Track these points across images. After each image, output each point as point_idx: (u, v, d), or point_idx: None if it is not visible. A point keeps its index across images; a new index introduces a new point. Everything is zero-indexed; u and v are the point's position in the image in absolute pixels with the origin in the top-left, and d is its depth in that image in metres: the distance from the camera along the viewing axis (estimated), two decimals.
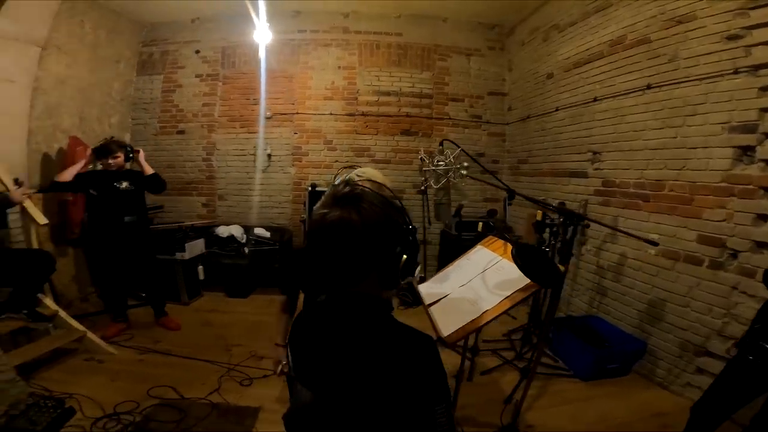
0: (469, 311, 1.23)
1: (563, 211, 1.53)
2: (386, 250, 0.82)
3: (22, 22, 3.26)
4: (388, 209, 0.83)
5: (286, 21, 4.44)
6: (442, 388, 0.82)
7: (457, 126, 4.73)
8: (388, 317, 0.86)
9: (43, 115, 3.73)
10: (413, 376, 0.80)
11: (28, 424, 1.87)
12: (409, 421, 0.82)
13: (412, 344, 0.83)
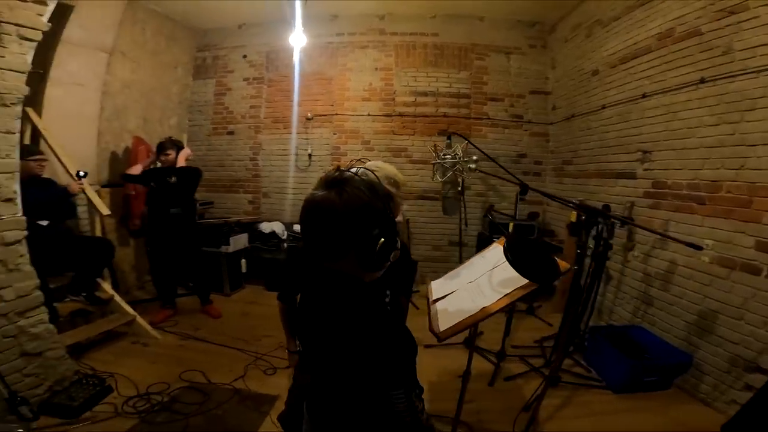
0: (468, 308, 1.20)
1: (585, 208, 1.43)
2: (363, 231, 0.86)
3: (89, 30, 3.62)
4: (370, 194, 0.87)
5: (325, 25, 4.58)
6: (400, 374, 0.84)
7: (496, 126, 4.61)
8: (363, 298, 0.90)
9: (111, 116, 4.13)
10: (370, 358, 0.83)
11: (67, 399, 2.08)
12: (372, 403, 0.84)
13: (375, 327, 0.86)
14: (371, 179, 0.91)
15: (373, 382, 0.84)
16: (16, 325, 2.07)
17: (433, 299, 1.35)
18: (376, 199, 0.87)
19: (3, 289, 2.05)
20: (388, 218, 0.88)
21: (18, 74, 2.06)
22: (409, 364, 0.87)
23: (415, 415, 0.86)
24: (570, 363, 2.73)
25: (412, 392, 0.86)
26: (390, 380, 0.84)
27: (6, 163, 2.11)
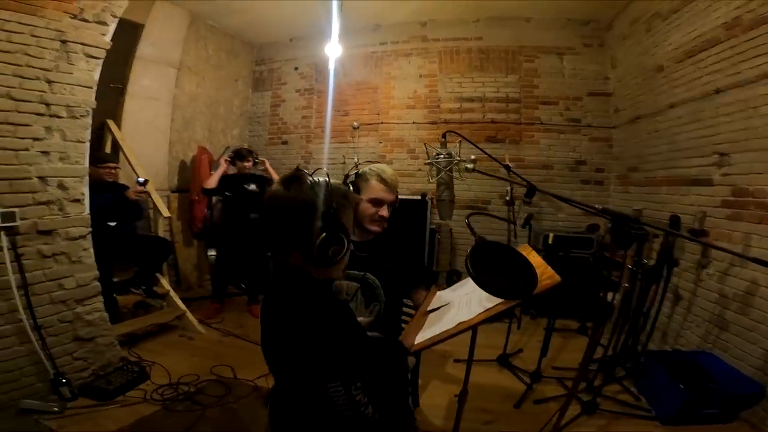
0: (448, 322, 1.08)
1: (611, 214, 1.23)
2: (302, 226, 0.91)
3: (159, 47, 4.05)
4: (314, 193, 0.92)
5: (368, 35, 4.67)
6: (336, 368, 0.86)
7: (550, 131, 4.31)
8: (304, 291, 0.94)
9: (180, 127, 4.55)
10: (304, 350, 0.87)
11: (105, 383, 2.27)
12: (311, 396, 0.89)
13: (312, 320, 0.88)
14: (328, 180, 0.95)
15: (308, 375, 0.88)
16: (73, 312, 2.32)
17: (428, 309, 1.25)
18: (321, 198, 0.91)
19: (65, 279, 2.32)
20: (331, 216, 0.91)
21: (86, 89, 2.34)
22: (347, 356, 0.88)
23: (358, 409, 0.87)
24: (616, 389, 2.44)
25: (351, 385, 0.87)
26: (324, 373, 0.85)
27: (76, 169, 2.40)
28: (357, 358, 0.92)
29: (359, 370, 0.90)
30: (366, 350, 1.01)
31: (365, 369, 0.94)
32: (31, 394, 2.10)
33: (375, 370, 1.02)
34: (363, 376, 0.90)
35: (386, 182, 1.57)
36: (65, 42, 2.19)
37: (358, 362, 0.92)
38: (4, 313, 2.05)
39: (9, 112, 2.05)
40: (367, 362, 0.97)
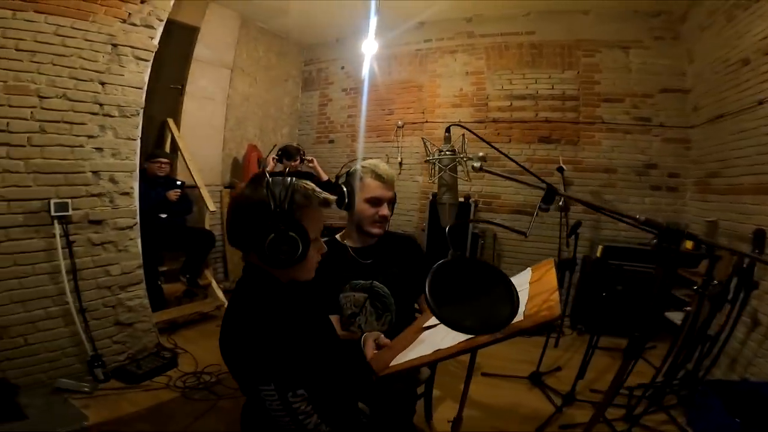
0: (429, 346, 0.94)
1: (655, 227, 0.97)
2: (255, 225, 0.90)
3: (214, 49, 4.25)
4: (271, 193, 0.89)
5: (412, 33, 4.54)
6: (270, 371, 0.84)
7: (614, 131, 3.89)
8: (260, 291, 0.94)
9: (234, 126, 4.77)
10: (246, 350, 0.86)
11: (135, 368, 2.39)
12: (251, 396, 0.88)
13: (255, 320, 0.88)
14: (292, 181, 0.93)
15: (244, 375, 0.88)
16: (116, 297, 2.49)
17: (425, 325, 1.12)
18: (276, 197, 0.89)
19: (111, 266, 2.49)
20: (283, 215, 0.89)
21: (136, 90, 2.50)
22: (285, 361, 0.86)
23: (296, 417, 0.85)
24: (662, 419, 2.14)
25: (288, 392, 0.84)
26: (255, 374, 0.85)
27: (126, 164, 2.56)
28: (300, 366, 0.88)
29: (301, 378, 0.87)
30: (321, 362, 0.98)
31: (314, 379, 0.91)
32: (69, 374, 2.27)
33: (331, 384, 0.99)
34: (306, 385, 0.87)
35: (382, 178, 1.45)
36: (116, 45, 2.35)
37: (301, 370, 0.88)
38: (53, 295, 2.24)
39: (65, 112, 2.24)
40: (318, 373, 0.94)
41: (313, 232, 0.95)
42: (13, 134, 2.09)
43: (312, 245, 0.95)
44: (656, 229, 0.84)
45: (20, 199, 2.15)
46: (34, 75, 2.11)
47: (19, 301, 2.14)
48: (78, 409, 2.06)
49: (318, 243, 1.00)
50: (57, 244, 2.24)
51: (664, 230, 0.83)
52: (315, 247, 0.99)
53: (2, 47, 2.01)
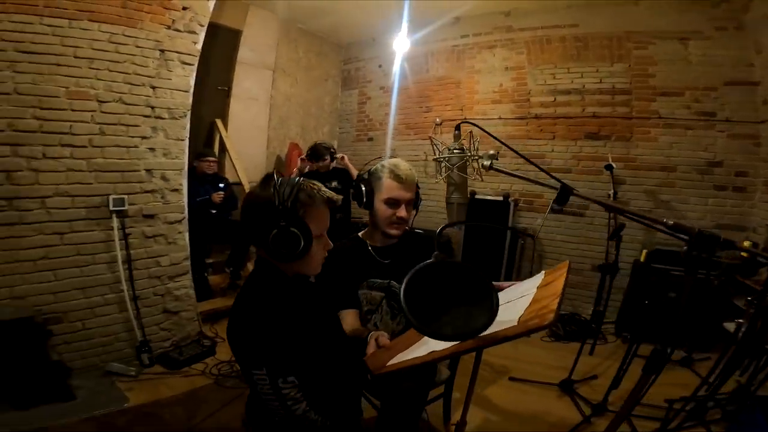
0: (427, 348, 0.92)
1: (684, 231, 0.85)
2: (261, 222, 0.97)
3: (256, 51, 4.42)
4: (278, 192, 0.96)
5: (448, 28, 4.44)
6: (267, 357, 0.91)
7: (672, 126, 3.59)
8: (274, 286, 1.01)
9: (277, 125, 4.95)
10: (245, 336, 0.94)
11: (177, 354, 2.55)
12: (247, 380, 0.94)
13: (256, 308, 0.96)
14: (298, 181, 1.01)
15: (241, 358, 0.96)
16: (165, 287, 2.68)
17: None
18: (281, 197, 0.96)
19: (161, 257, 2.68)
20: (286, 213, 0.95)
21: (183, 93, 2.66)
22: (279, 348, 0.92)
23: (284, 403, 0.91)
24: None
25: (279, 378, 0.90)
26: (250, 359, 0.92)
27: (176, 163, 2.74)
28: (293, 354, 0.93)
29: (293, 365, 0.92)
30: (316, 353, 1.03)
31: (306, 369, 0.96)
32: (119, 359, 2.47)
33: (324, 375, 1.03)
34: (297, 373, 0.92)
35: (400, 179, 1.44)
36: (163, 51, 2.51)
37: (294, 358, 0.93)
38: (110, 283, 2.45)
39: (122, 115, 2.43)
40: (311, 363, 0.99)
41: (316, 229, 1.00)
42: (76, 136, 2.31)
43: (316, 241, 1.00)
44: (687, 235, 0.77)
45: (83, 195, 2.37)
46: (92, 81, 2.30)
47: (80, 288, 2.37)
48: (122, 392, 2.24)
49: (323, 240, 1.05)
50: (115, 237, 2.45)
51: (696, 235, 0.75)
52: (320, 243, 1.04)
53: (62, 55, 2.21)
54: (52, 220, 2.27)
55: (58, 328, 2.27)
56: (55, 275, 2.29)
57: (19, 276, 2.17)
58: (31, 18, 2.10)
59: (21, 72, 2.10)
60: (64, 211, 2.31)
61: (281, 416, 0.92)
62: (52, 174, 2.25)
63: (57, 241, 2.29)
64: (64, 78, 2.22)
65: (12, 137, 2.11)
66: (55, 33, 2.17)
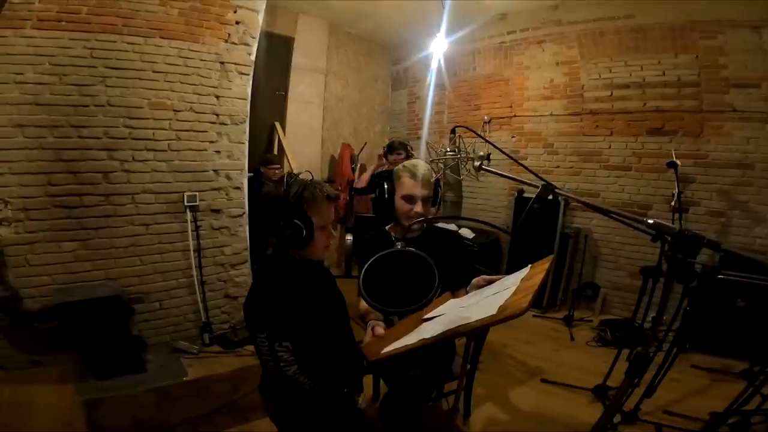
0: (418, 335, 1.01)
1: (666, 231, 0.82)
2: (271, 216, 1.18)
3: (308, 56, 4.68)
4: (286, 191, 1.18)
5: (494, 25, 4.37)
6: (269, 323, 1.11)
7: (748, 120, 3.26)
8: (281, 267, 1.22)
9: (330, 126, 5.20)
10: (254, 306, 1.16)
11: (232, 335, 2.86)
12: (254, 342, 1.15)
13: (264, 283, 1.20)
14: (304, 182, 1.22)
15: (249, 324, 1.17)
16: (228, 274, 3.01)
17: (425, 316, 1.18)
18: (288, 195, 1.17)
19: (225, 247, 3.01)
20: (291, 207, 1.16)
21: (241, 101, 2.95)
22: (280, 317, 1.11)
23: (278, 363, 1.10)
24: None
25: (275, 341, 1.09)
26: (255, 324, 1.13)
27: (237, 164, 3.05)
28: (290, 324, 1.12)
29: (289, 333, 1.10)
30: (313, 326, 1.19)
31: (301, 338, 1.13)
32: (186, 337, 2.82)
33: (318, 345, 1.20)
34: (292, 340, 1.10)
35: (417, 177, 1.56)
36: (223, 63, 2.82)
37: (291, 327, 1.11)
38: (183, 269, 2.82)
39: (193, 122, 2.78)
40: (306, 334, 1.16)
41: (319, 221, 1.20)
42: (158, 141, 2.68)
43: (319, 231, 1.20)
44: (668, 234, 0.79)
45: (164, 192, 2.74)
46: (168, 93, 2.66)
47: (160, 272, 2.76)
48: (183, 367, 2.56)
49: (327, 230, 1.24)
50: (188, 228, 2.81)
51: (677, 235, 0.77)
52: (323, 233, 1.24)
53: (142, 70, 2.57)
54: (139, 213, 2.67)
55: (140, 308, 2.66)
56: (140, 260, 2.69)
57: (112, 260, 2.59)
58: (113, 37, 2.47)
59: (111, 86, 2.49)
60: (149, 206, 2.70)
61: (275, 376, 1.11)
62: (139, 174, 2.64)
63: (143, 231, 2.69)
64: (146, 90, 2.60)
65: (108, 143, 2.52)
66: (134, 50, 2.54)
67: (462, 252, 1.69)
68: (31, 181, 2.33)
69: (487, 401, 2.30)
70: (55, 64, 2.34)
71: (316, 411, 1.22)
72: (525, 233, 4.01)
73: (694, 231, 0.78)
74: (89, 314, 2.31)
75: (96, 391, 2.23)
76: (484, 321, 0.85)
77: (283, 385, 1.15)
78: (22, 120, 2.28)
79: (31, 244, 2.36)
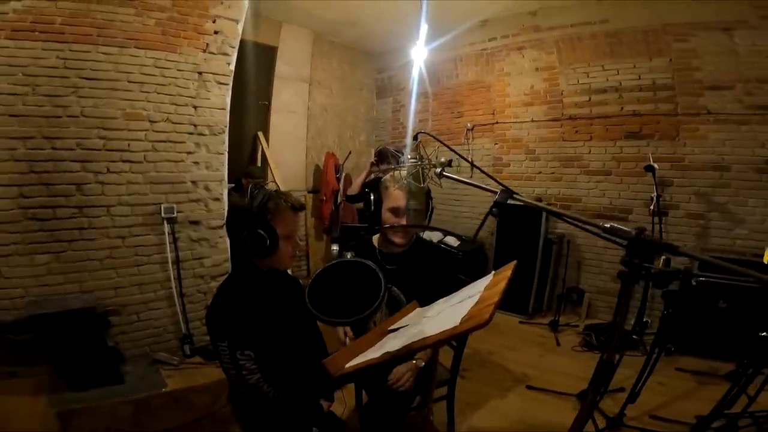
0: (382, 349, 0.99)
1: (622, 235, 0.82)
2: (235, 225, 1.18)
3: (292, 65, 4.68)
4: (249, 201, 1.16)
5: (476, 32, 4.43)
6: (230, 332, 1.10)
7: (724, 122, 3.32)
8: (245, 276, 1.23)
9: (314, 135, 5.19)
10: (215, 314, 1.16)
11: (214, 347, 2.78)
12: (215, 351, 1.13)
13: (236, 295, 1.18)
14: (268, 191, 1.21)
15: (210, 333, 1.17)
16: (208, 285, 2.96)
17: (390, 329, 1.14)
18: (252, 205, 1.16)
19: (205, 258, 2.97)
20: (259, 220, 1.15)
21: (220, 111, 2.93)
22: (241, 326, 1.10)
23: (240, 372, 1.09)
24: None
25: (237, 350, 1.08)
26: (217, 332, 1.12)
27: (216, 175, 3.01)
28: (252, 332, 1.11)
29: (251, 342, 1.10)
30: (276, 335, 1.19)
31: (264, 347, 1.12)
32: (166, 349, 2.76)
33: (282, 355, 1.19)
34: (255, 349, 1.10)
35: (403, 189, 1.53)
36: (201, 73, 2.80)
37: (253, 336, 1.11)
38: (162, 281, 2.76)
39: (170, 133, 2.75)
40: (269, 343, 1.15)
41: (283, 231, 1.19)
42: (134, 153, 2.64)
43: (283, 241, 1.19)
44: (624, 240, 0.79)
45: (140, 204, 2.70)
46: (144, 103, 2.63)
47: (137, 284, 2.70)
48: (163, 378, 2.51)
49: (292, 240, 1.23)
50: (166, 240, 2.76)
51: (633, 240, 0.77)
52: (288, 243, 1.22)
53: (117, 80, 2.54)
54: (115, 225, 2.62)
55: (117, 320, 2.61)
56: (117, 273, 2.64)
57: (87, 273, 2.53)
58: (87, 47, 2.44)
59: (84, 96, 2.46)
60: (124, 218, 2.65)
61: (237, 384, 1.10)
62: (114, 186, 2.60)
63: (119, 244, 2.64)
64: (121, 101, 2.56)
65: (81, 155, 2.48)
66: (109, 60, 2.51)
67: (449, 269, 1.68)
68: (2, 193, 2.28)
69: (472, 410, 2.28)
70: (27, 74, 2.31)
71: (284, 420, 1.20)
72: (509, 240, 4.04)
73: (652, 235, 0.78)
74: (63, 326, 2.27)
75: (71, 402, 2.20)
76: (447, 333, 0.83)
77: (246, 394, 1.14)
78: None
79: (4, 257, 2.30)
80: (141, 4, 2.56)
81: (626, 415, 2.07)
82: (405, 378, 1.39)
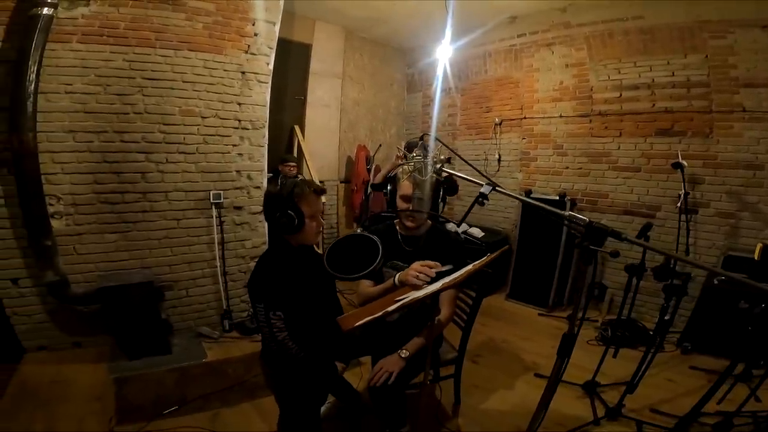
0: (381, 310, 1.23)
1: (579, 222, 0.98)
2: (270, 209, 1.44)
3: (325, 62, 4.90)
4: (280, 188, 1.44)
5: (505, 28, 4.46)
6: (266, 295, 1.34)
7: (758, 120, 3.24)
8: (280, 250, 1.48)
9: (347, 128, 5.43)
10: (255, 281, 1.42)
11: (250, 323, 3.10)
12: (254, 311, 1.40)
13: (272, 266, 1.43)
14: (294, 180, 1.48)
15: (252, 297, 1.42)
16: (248, 265, 3.28)
17: (397, 299, 1.35)
18: (282, 191, 1.42)
19: (246, 240, 3.29)
20: (284, 200, 1.40)
21: (261, 107, 3.21)
22: (276, 291, 1.34)
23: (271, 329, 1.33)
24: None
25: (270, 311, 1.33)
26: (255, 295, 1.38)
27: (257, 165, 3.31)
28: (283, 297, 1.33)
29: (281, 304, 1.33)
30: (303, 300, 1.40)
31: (292, 309, 1.34)
32: (208, 323, 3.11)
33: (307, 317, 1.42)
34: (285, 311, 1.32)
35: (414, 179, 1.72)
36: (244, 72, 3.08)
37: (283, 300, 1.33)
38: (209, 260, 3.11)
39: (218, 128, 3.06)
40: (297, 306, 1.36)
41: (308, 211, 1.43)
42: (188, 145, 2.97)
43: (309, 220, 1.44)
44: (579, 226, 0.95)
45: (193, 191, 3.04)
46: (196, 101, 2.94)
47: (188, 262, 3.05)
48: (204, 350, 2.83)
49: (316, 219, 1.48)
50: (213, 223, 3.10)
51: (587, 226, 0.93)
52: (313, 221, 1.47)
53: (173, 80, 2.86)
54: (171, 209, 2.97)
55: (168, 295, 2.97)
56: (171, 251, 3.00)
57: (147, 250, 2.91)
58: (148, 50, 2.75)
59: (147, 95, 2.79)
60: (179, 202, 3.00)
61: (268, 340, 1.35)
62: (172, 174, 2.94)
63: (174, 225, 3.00)
64: (177, 99, 2.89)
65: (145, 147, 2.83)
66: (166, 62, 2.82)
67: (458, 254, 1.81)
68: (80, 180, 2.66)
69: (479, 392, 2.43)
70: (99, 75, 2.65)
71: (304, 375, 1.46)
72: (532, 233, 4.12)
73: (602, 223, 0.95)
74: (125, 298, 2.60)
75: (127, 370, 2.52)
76: (436, 289, 1.06)
77: (275, 348, 1.39)
78: (72, 126, 2.61)
79: (79, 235, 2.69)
80: (191, 8, 2.85)
81: (625, 406, 2.16)
82: (378, 375, 1.55)
